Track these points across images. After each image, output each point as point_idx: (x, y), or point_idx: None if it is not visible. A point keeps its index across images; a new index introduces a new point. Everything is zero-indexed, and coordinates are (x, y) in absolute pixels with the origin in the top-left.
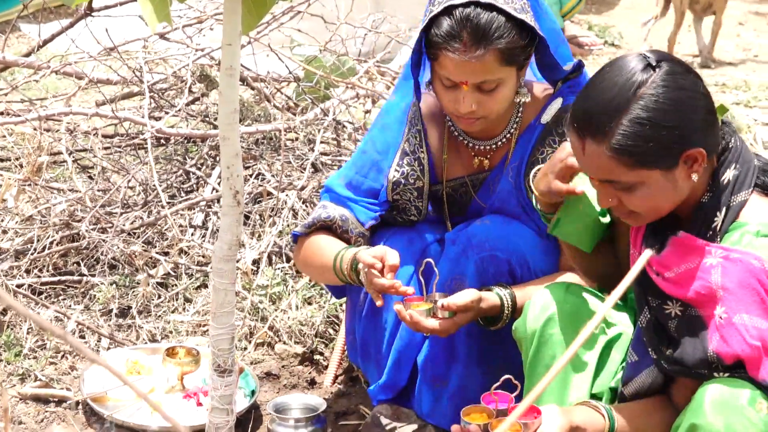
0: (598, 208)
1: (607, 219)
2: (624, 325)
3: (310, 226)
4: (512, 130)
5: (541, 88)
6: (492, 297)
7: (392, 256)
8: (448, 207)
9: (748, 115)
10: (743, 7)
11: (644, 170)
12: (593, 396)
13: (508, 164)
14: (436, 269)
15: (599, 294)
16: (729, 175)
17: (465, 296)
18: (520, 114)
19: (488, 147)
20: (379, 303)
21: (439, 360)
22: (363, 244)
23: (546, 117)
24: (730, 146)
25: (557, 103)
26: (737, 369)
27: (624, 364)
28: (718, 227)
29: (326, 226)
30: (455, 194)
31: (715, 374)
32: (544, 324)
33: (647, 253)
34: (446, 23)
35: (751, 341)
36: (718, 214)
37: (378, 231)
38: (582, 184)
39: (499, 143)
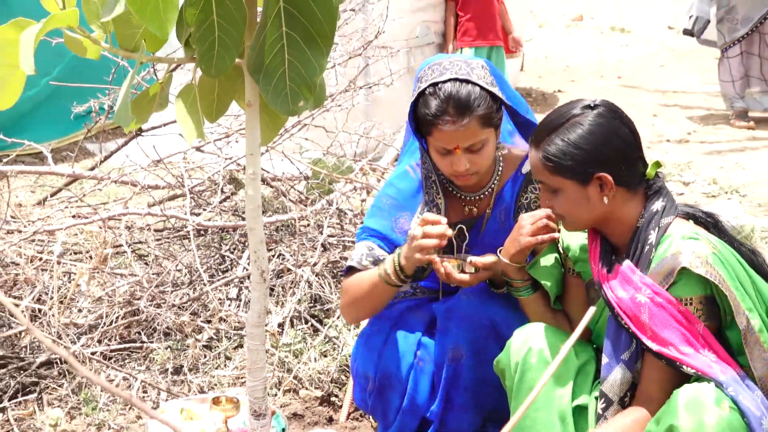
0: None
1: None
2: (588, 352)
3: (361, 263)
4: (494, 184)
5: (518, 149)
6: None
7: (432, 216)
8: (444, 248)
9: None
10: (655, 101)
11: (561, 178)
12: (579, 407)
13: (494, 209)
14: (467, 234)
15: (568, 333)
16: (658, 205)
17: (487, 258)
18: (500, 170)
19: (475, 198)
20: (435, 258)
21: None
22: None
23: (525, 168)
24: (659, 188)
25: None
26: None
27: (597, 381)
28: (653, 242)
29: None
30: (451, 237)
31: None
32: (525, 355)
33: (591, 310)
34: (434, 103)
35: (688, 362)
36: (651, 232)
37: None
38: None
39: (484, 194)
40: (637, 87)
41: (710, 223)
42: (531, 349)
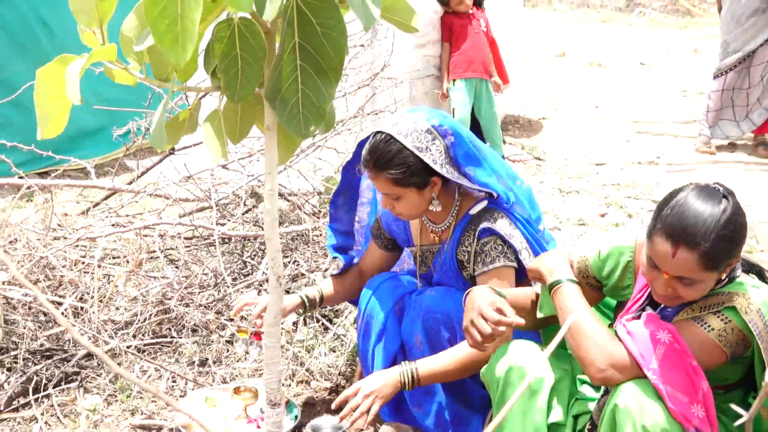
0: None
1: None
2: (563, 368)
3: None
4: (451, 219)
5: (476, 191)
6: (394, 377)
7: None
8: (419, 263)
9: (637, 204)
10: (628, 128)
11: (714, 273)
12: (554, 425)
13: (449, 242)
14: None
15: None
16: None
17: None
18: (456, 208)
19: (439, 229)
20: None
21: (415, 392)
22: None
23: (473, 211)
24: None
25: (483, 203)
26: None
27: (574, 398)
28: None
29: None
30: (422, 255)
31: None
32: (506, 371)
33: (571, 318)
34: (366, 147)
35: (669, 405)
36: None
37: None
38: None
39: (444, 227)
40: (612, 116)
41: (756, 272)
42: (512, 366)
